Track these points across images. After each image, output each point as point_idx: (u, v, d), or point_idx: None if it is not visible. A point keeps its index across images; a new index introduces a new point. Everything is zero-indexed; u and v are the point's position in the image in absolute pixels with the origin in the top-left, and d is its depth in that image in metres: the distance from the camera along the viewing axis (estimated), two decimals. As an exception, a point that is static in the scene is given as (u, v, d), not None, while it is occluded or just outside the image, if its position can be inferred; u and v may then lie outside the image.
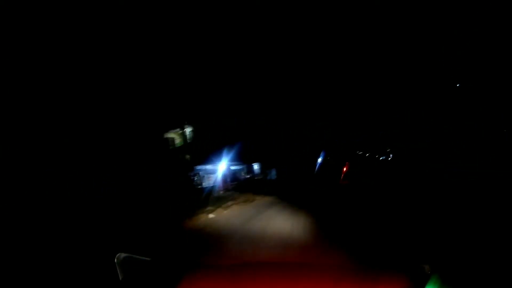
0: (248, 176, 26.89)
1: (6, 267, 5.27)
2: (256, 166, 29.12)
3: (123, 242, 6.33)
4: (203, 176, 21.62)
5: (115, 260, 1.83)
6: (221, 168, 22.43)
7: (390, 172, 27.27)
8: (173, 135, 21.92)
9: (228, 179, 23.04)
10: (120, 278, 1.82)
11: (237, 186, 22.37)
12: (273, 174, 28.49)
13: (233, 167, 25.07)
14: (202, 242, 7.63)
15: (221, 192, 20.61)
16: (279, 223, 9.02)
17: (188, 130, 22.21)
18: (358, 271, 1.74)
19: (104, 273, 2.07)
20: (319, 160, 32.17)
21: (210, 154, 21.51)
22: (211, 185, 20.90)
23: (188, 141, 22.19)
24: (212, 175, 22.04)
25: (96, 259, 3.94)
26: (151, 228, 8.31)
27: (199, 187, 20.32)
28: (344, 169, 34.06)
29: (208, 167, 22.08)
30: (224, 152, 22.52)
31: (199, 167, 21.48)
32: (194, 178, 20.64)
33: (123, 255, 1.87)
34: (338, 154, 35.33)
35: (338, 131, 35.84)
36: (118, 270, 1.82)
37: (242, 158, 25.24)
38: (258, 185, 22.58)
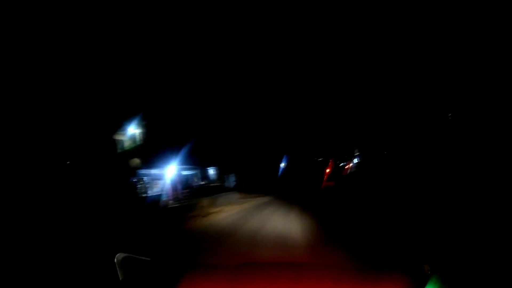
0: (203, 183, 23.91)
1: (7, 267, 5.41)
2: (212, 171, 25.99)
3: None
4: (149, 183, 18.51)
5: (115, 260, 1.82)
6: (170, 172, 19.63)
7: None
8: (122, 137, 19.01)
9: (179, 186, 20.16)
10: (120, 278, 1.80)
11: (189, 195, 19.84)
12: (231, 180, 26.02)
13: (185, 172, 22.18)
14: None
15: (170, 202, 18.20)
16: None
17: (138, 131, 19.45)
18: (358, 271, 1.81)
19: (104, 273, 2.04)
20: (282, 164, 30.90)
21: (157, 156, 18.74)
22: (158, 193, 18.27)
23: (138, 143, 19.34)
24: (159, 181, 19.14)
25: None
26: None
27: (143, 195, 17.39)
28: (327, 170, 33.88)
29: (155, 171, 19.18)
30: (175, 154, 19.70)
31: (143, 172, 18.36)
32: (137, 185, 17.51)
33: (123, 255, 1.87)
34: (302, 158, 34.30)
35: (305, 134, 34.56)
36: (118, 270, 1.81)
37: (196, 161, 22.40)
38: (214, 194, 20.17)
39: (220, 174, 25.49)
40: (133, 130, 19.12)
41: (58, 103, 13.02)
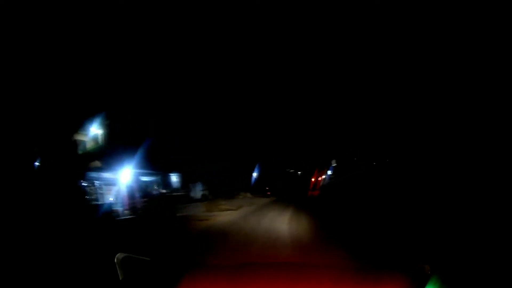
0: (164, 191, 20.86)
1: (8, 268, 5.52)
2: (175, 178, 22.84)
3: None
4: (101, 188, 15.69)
5: (115, 260, 1.82)
6: (125, 177, 16.75)
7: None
8: (83, 137, 16.76)
9: (137, 194, 17.31)
10: (120, 278, 1.80)
11: (148, 205, 17.14)
12: (198, 189, 22.76)
13: (144, 178, 19.38)
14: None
15: (126, 212, 15.69)
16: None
17: (100, 131, 17.26)
18: (358, 271, 1.89)
19: (104, 273, 2.03)
20: (255, 174, 30.57)
21: (114, 157, 16.42)
22: (111, 201, 15.60)
23: (100, 144, 17.20)
24: (113, 187, 16.33)
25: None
26: None
27: (94, 203, 14.72)
28: (313, 179, 34.15)
29: (109, 175, 16.41)
30: (133, 155, 16.97)
31: (94, 174, 15.56)
32: (86, 190, 14.75)
33: (123, 255, 1.87)
34: (275, 168, 33.90)
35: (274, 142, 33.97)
36: (118, 270, 1.80)
37: (157, 165, 19.69)
38: (177, 206, 17.45)
39: (185, 182, 22.61)
40: (95, 130, 17.12)
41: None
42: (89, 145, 17.00)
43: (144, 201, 17.19)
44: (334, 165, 37.45)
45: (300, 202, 20.41)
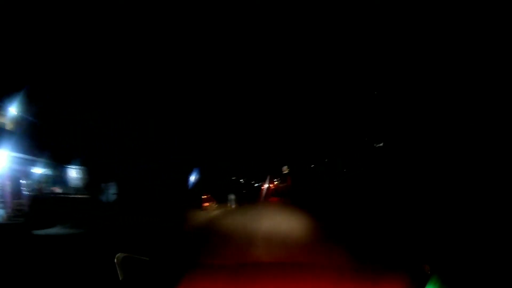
0: (60, 191, 15.66)
1: (9, 267, 5.58)
2: (76, 173, 17.10)
3: None
4: None
5: (115, 260, 1.71)
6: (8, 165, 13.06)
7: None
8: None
9: (19, 193, 13.01)
10: (120, 278, 1.69)
11: (33, 210, 12.39)
12: (111, 192, 17.76)
13: (33, 169, 14.51)
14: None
15: (7, 216, 12.11)
16: None
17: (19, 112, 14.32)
18: (358, 271, 1.97)
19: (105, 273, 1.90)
20: (192, 178, 28.89)
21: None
22: None
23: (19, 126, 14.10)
24: None
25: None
26: None
27: None
28: (263, 187, 34.29)
29: None
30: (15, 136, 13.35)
31: None
32: None
33: (123, 255, 1.76)
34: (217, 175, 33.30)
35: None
36: (118, 270, 1.69)
37: (49, 152, 14.63)
38: (79, 215, 12.68)
39: (92, 180, 17.24)
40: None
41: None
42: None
43: (25, 204, 12.69)
44: (285, 172, 35.46)
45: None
